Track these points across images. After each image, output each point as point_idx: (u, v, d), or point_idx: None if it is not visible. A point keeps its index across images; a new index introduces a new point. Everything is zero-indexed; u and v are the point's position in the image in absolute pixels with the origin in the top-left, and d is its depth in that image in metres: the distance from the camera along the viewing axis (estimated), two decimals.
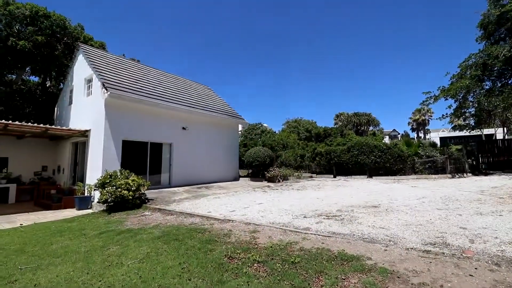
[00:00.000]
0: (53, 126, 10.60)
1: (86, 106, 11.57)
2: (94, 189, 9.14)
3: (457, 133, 38.88)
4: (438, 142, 29.16)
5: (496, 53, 12.16)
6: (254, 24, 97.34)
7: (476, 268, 3.05)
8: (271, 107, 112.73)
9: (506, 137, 25.06)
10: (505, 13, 12.57)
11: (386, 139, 33.77)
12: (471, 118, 14.95)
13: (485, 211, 6.00)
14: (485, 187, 9.63)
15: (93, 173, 10.03)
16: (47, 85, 18.19)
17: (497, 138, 25.16)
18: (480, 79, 13.80)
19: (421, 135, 47.91)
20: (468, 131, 16.41)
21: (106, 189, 8.35)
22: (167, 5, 78.04)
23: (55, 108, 15.27)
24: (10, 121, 9.28)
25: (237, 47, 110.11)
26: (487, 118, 14.30)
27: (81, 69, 12.52)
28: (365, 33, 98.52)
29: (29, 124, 9.67)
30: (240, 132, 28.07)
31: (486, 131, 28.32)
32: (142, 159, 11.57)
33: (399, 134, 63.45)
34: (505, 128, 25.30)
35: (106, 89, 9.83)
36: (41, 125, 10.19)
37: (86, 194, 10.01)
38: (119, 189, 8.13)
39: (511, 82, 13.82)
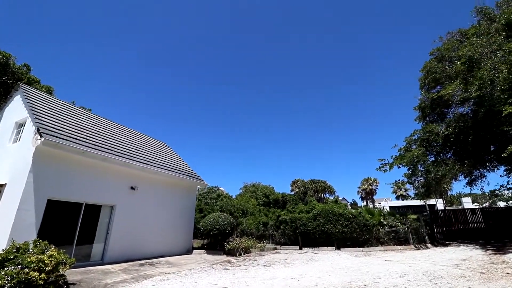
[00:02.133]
0: None
1: (9, 155, 9.31)
2: None
3: (403, 203, 41.83)
4: (388, 210, 30.44)
5: (436, 131, 13.81)
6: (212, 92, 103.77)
7: None
8: (227, 171, 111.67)
9: (446, 207, 27.59)
10: (436, 99, 14.89)
11: None
12: (422, 187, 15.91)
13: None
14: (455, 260, 9.35)
15: None
16: None
17: (439, 208, 27.40)
18: (424, 152, 15.26)
19: (370, 204, 50.44)
20: (417, 198, 17.36)
21: (6, 269, 5.88)
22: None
23: None
24: None
25: (197, 110, 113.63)
26: (435, 186, 15.39)
27: (14, 111, 10.56)
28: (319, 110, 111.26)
29: None
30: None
31: (429, 201, 31.00)
32: (71, 224, 9.12)
33: (348, 202, 66.25)
34: (442, 199, 28.06)
35: (40, 135, 8.06)
36: None
37: None
38: (27, 270, 5.77)
39: (450, 156, 15.55)
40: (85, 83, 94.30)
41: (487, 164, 15.86)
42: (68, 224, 9.13)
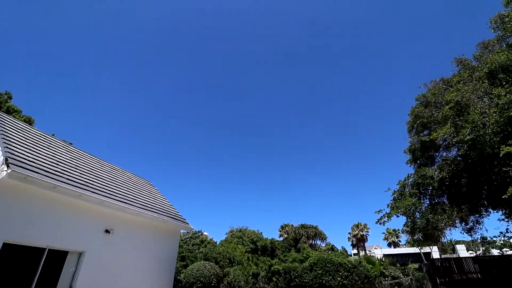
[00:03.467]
0: None
1: None
2: None
3: (397, 250, 40.21)
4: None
5: (431, 174, 13.61)
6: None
7: None
8: (211, 214, 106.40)
9: (442, 255, 26.50)
10: (426, 142, 15.05)
11: None
12: (420, 234, 15.16)
13: None
14: None
15: None
16: None
17: (434, 256, 26.28)
18: (418, 197, 14.85)
19: (361, 251, 48.22)
20: (415, 245, 16.51)
21: None
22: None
23: None
24: None
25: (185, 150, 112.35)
26: (436, 233, 14.69)
27: None
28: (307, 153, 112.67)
29: None
30: None
31: (423, 249, 29.85)
32: (28, 274, 7.61)
33: (337, 250, 63.29)
34: (436, 247, 27.16)
35: (8, 166, 7.06)
36: None
37: None
38: None
39: (444, 200, 15.19)
40: (66, 115, 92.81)
41: (481, 209, 15.57)
42: (25, 274, 7.60)
